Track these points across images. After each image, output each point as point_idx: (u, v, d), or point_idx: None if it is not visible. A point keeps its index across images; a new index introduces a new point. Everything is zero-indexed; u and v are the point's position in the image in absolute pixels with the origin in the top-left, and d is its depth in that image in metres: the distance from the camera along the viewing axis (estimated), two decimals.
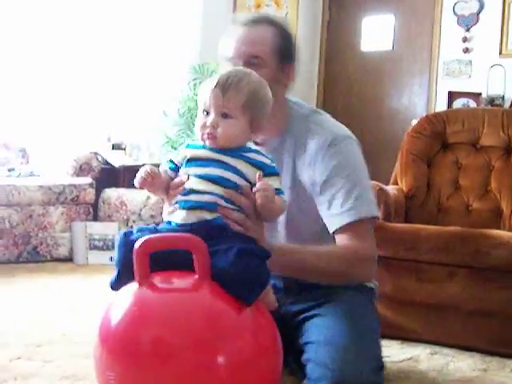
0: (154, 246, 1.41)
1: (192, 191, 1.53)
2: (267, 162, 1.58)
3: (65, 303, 3.24)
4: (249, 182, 1.55)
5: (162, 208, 1.67)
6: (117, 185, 4.67)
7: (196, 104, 1.78)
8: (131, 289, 1.43)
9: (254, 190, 1.52)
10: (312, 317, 1.82)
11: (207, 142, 1.55)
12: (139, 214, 4.38)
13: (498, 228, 2.95)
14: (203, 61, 4.98)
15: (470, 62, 5.47)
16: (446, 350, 2.60)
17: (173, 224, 1.54)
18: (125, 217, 4.38)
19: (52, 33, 4.89)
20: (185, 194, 1.54)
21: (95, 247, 4.26)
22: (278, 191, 1.58)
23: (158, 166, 1.65)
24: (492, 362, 2.50)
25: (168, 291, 1.44)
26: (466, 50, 5.48)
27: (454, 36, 5.53)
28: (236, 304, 1.39)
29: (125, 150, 5.01)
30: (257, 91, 1.58)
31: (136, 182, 1.57)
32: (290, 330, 1.81)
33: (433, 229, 2.74)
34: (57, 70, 4.93)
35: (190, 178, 1.54)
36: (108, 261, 4.21)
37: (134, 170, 4.88)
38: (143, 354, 1.33)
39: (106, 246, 4.28)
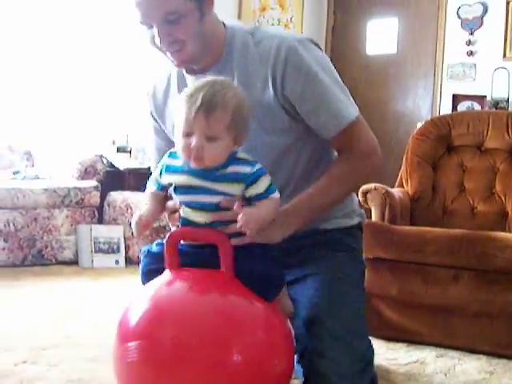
0: (183, 236, 1.53)
1: (186, 222, 1.54)
2: (247, 170, 1.51)
3: (70, 306, 3.24)
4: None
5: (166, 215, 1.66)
6: (122, 188, 4.67)
7: None
8: (162, 276, 1.52)
9: (237, 226, 1.47)
10: (296, 300, 1.73)
11: (192, 163, 1.49)
12: None
13: (503, 230, 2.95)
14: None
15: (474, 65, 5.46)
16: (452, 353, 2.60)
17: None
18: (130, 220, 4.37)
19: (57, 37, 4.90)
20: (182, 224, 1.56)
21: (100, 250, 4.27)
22: (268, 192, 1.53)
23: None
24: (498, 364, 2.50)
25: (195, 278, 1.50)
26: (470, 53, 5.48)
27: (458, 39, 5.53)
28: (257, 301, 1.46)
29: (130, 152, 5.01)
30: (241, 106, 1.51)
31: (136, 238, 1.62)
32: None
33: (438, 231, 2.74)
34: (62, 73, 4.95)
35: (182, 207, 1.54)
36: (113, 264, 4.21)
37: (139, 172, 4.89)
38: (164, 339, 1.39)
39: (111, 249, 4.28)
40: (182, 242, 1.55)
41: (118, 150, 4.99)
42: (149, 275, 1.57)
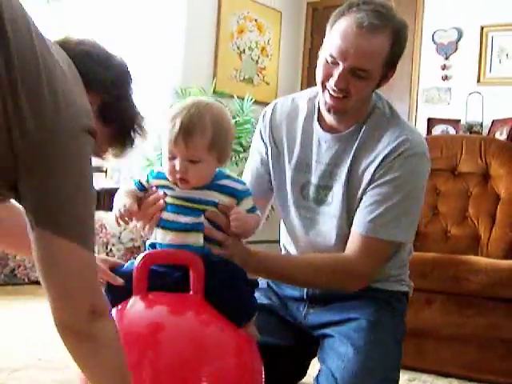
0: (155, 259, 1.48)
1: (174, 206, 1.52)
2: (239, 187, 1.57)
3: (42, 327, 3.20)
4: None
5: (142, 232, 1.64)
6: (97, 208, 4.64)
7: None
8: (127, 303, 1.45)
9: (231, 218, 1.53)
10: (331, 336, 1.76)
11: (180, 186, 1.53)
12: (119, 237, 4.36)
13: (476, 254, 2.98)
14: (186, 85, 5.00)
15: (449, 89, 5.53)
16: (424, 376, 2.61)
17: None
18: (104, 240, 4.36)
19: None
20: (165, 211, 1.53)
21: None
22: (253, 209, 1.59)
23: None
24: None
25: (163, 304, 1.46)
26: (445, 78, 5.54)
27: (434, 64, 5.60)
28: (226, 326, 1.42)
29: (105, 172, 5.00)
30: (220, 123, 1.52)
31: (116, 219, 1.53)
32: (312, 343, 1.81)
33: (412, 254, 2.75)
34: None
35: (167, 197, 1.53)
36: None
37: (114, 192, 4.84)
38: (132, 364, 1.32)
39: None
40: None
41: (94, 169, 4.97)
42: (112, 291, 1.51)
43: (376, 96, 1.82)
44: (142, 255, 1.46)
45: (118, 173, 4.98)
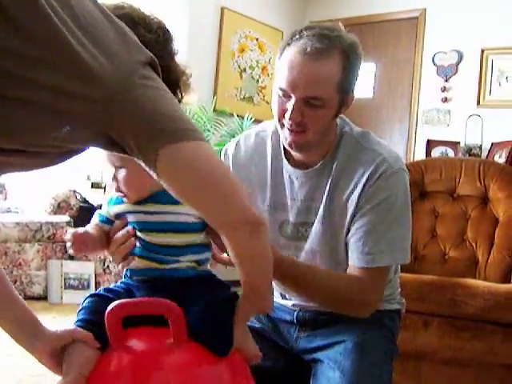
0: (128, 310, 1.31)
1: (151, 244, 1.37)
2: None
3: None
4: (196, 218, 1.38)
5: None
6: None
7: None
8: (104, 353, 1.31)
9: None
10: (321, 361, 1.72)
11: (124, 200, 1.39)
12: None
13: (474, 277, 2.97)
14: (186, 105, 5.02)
15: (449, 111, 5.55)
16: None
17: (131, 280, 1.41)
18: (101, 256, 4.35)
19: None
20: (144, 247, 1.37)
21: (70, 286, 4.22)
22: None
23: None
24: None
25: (142, 357, 1.29)
26: (445, 100, 5.57)
27: (434, 85, 5.62)
28: (213, 364, 1.29)
29: (104, 188, 5.00)
30: None
31: (70, 251, 1.37)
32: (305, 367, 1.77)
33: (409, 277, 2.74)
34: None
35: (139, 230, 1.37)
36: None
37: None
38: None
39: (82, 286, 4.24)
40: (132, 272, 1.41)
41: (93, 185, 4.97)
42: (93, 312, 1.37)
43: (341, 120, 1.76)
44: (112, 305, 1.28)
45: None
